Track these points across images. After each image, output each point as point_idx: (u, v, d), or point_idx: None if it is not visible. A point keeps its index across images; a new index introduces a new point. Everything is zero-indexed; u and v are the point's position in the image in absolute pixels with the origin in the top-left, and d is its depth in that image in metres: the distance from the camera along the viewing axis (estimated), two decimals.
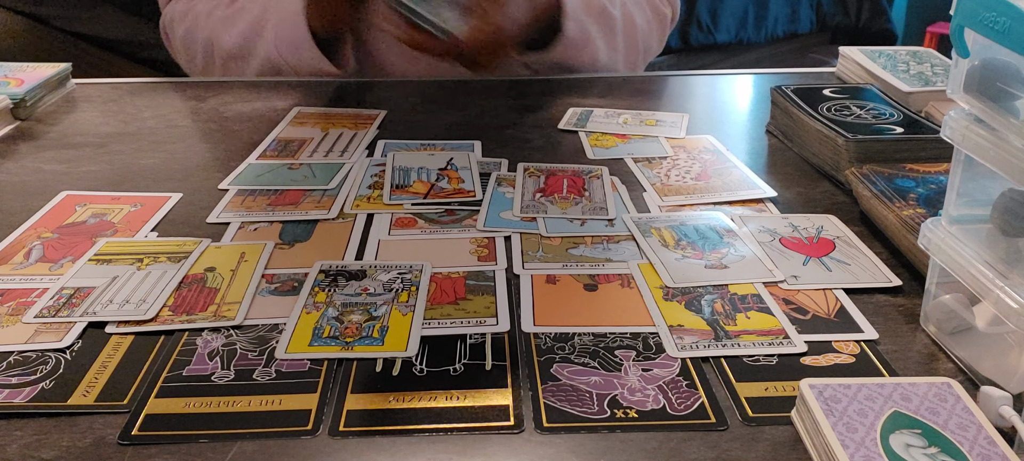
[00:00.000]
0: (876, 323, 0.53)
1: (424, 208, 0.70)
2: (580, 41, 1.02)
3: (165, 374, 0.48)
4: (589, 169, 0.77)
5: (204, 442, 0.43)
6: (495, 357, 0.50)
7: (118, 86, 1.02)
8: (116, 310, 0.54)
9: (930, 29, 3.24)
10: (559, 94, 0.99)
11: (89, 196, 0.71)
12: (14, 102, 0.88)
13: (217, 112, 0.93)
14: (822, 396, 0.43)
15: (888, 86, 0.90)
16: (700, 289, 0.57)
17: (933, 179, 0.67)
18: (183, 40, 1.11)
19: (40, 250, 0.62)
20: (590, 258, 0.61)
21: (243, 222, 0.67)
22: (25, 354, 0.50)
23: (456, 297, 0.56)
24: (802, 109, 0.81)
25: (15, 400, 0.46)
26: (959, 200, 0.50)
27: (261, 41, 1.03)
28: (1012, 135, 0.44)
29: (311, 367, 0.49)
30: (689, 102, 1.00)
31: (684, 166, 0.78)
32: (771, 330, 0.52)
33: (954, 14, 0.47)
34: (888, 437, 0.40)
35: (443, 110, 0.95)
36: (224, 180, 0.74)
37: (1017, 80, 0.45)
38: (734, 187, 0.73)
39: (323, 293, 0.56)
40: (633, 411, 0.45)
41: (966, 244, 0.48)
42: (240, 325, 0.53)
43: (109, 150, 0.82)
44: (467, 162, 0.78)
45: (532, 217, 0.67)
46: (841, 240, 0.64)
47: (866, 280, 0.58)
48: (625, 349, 0.51)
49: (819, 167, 0.77)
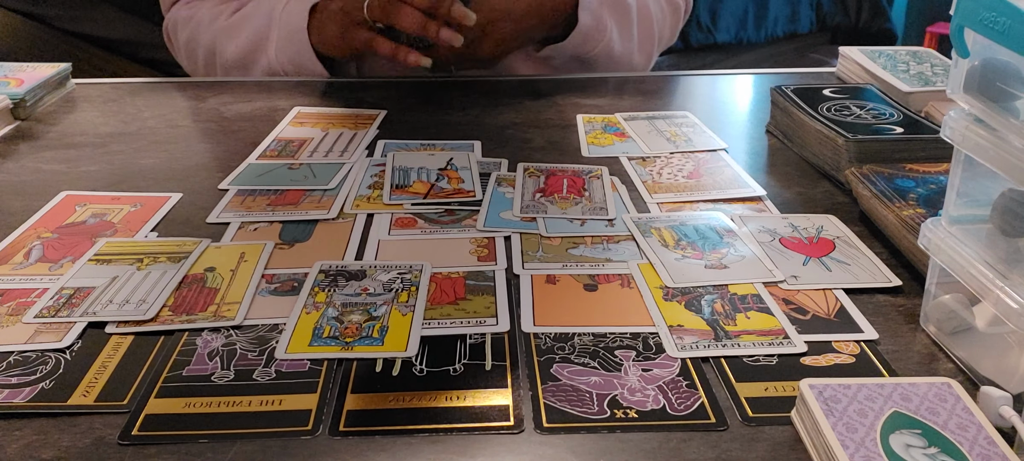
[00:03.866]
0: (876, 323, 0.53)
1: (424, 208, 0.69)
2: (595, 31, 1.02)
3: (165, 374, 0.48)
4: (589, 169, 0.77)
5: (204, 442, 0.43)
6: (495, 357, 0.50)
7: (118, 86, 1.02)
8: (116, 310, 0.54)
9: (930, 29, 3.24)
10: (560, 94, 0.99)
11: (89, 196, 0.71)
12: (14, 102, 0.88)
13: (217, 112, 0.93)
14: (822, 396, 0.43)
15: (888, 86, 0.90)
16: (700, 289, 0.57)
17: (933, 179, 0.67)
18: (186, 46, 1.11)
19: (40, 250, 0.62)
20: (590, 258, 0.61)
21: (243, 222, 0.67)
22: (25, 354, 0.50)
23: (456, 297, 0.56)
24: (802, 109, 0.81)
25: (15, 400, 0.46)
26: (959, 200, 0.50)
27: (264, 53, 1.03)
28: (1012, 135, 0.44)
29: (311, 367, 0.49)
30: (689, 102, 1.00)
31: (677, 164, 0.78)
32: (771, 330, 0.52)
33: (954, 14, 0.47)
34: (888, 437, 0.40)
35: (443, 110, 0.95)
36: (224, 180, 0.74)
37: (1017, 80, 0.45)
38: (725, 186, 0.73)
39: (323, 293, 0.56)
40: (633, 411, 0.45)
41: (966, 244, 0.48)
42: (240, 325, 0.53)
43: (109, 150, 0.82)
44: (467, 162, 0.78)
45: (532, 217, 0.67)
46: (841, 240, 0.64)
47: (866, 280, 0.58)
48: (625, 349, 0.51)
49: (819, 167, 0.77)
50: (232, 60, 1.06)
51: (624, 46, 1.07)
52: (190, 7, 1.11)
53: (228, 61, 1.06)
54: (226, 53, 1.06)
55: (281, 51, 1.01)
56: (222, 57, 1.06)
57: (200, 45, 1.09)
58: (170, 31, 1.14)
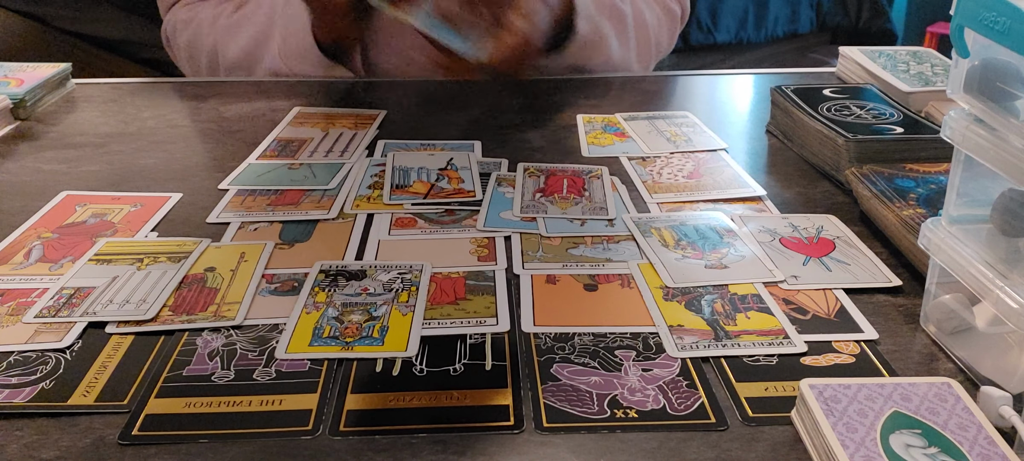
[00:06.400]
0: (876, 323, 0.53)
1: (424, 208, 0.69)
2: (594, 40, 1.01)
3: (165, 374, 0.48)
4: (589, 169, 0.77)
5: (204, 442, 0.43)
6: (495, 357, 0.50)
7: (118, 86, 1.02)
8: (116, 310, 0.54)
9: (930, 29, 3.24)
10: (560, 94, 0.99)
11: (89, 196, 0.71)
12: (14, 102, 0.88)
13: (217, 112, 0.93)
14: (822, 396, 0.43)
15: (888, 86, 0.90)
16: (700, 289, 0.57)
17: (933, 179, 0.67)
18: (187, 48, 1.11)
19: (40, 250, 0.62)
20: (590, 258, 0.61)
21: (243, 222, 0.67)
22: (25, 354, 0.50)
23: (456, 297, 0.56)
24: (802, 109, 0.81)
25: (15, 400, 0.46)
26: (959, 200, 0.50)
27: (267, 52, 1.03)
28: (1012, 135, 0.44)
29: (311, 367, 0.49)
30: (689, 102, 1.00)
31: (677, 164, 0.78)
32: (771, 330, 0.52)
33: (954, 14, 0.47)
34: (888, 437, 0.40)
35: (443, 110, 0.95)
36: (224, 180, 0.74)
37: (1017, 80, 0.45)
38: (725, 186, 0.73)
39: (323, 293, 0.56)
40: (633, 411, 0.45)
41: (966, 244, 0.48)
42: (240, 325, 0.53)
43: (109, 150, 0.82)
44: (467, 162, 0.78)
45: (532, 217, 0.67)
46: (841, 240, 0.64)
47: (866, 280, 0.58)
48: (625, 349, 0.51)
49: (819, 167, 0.77)
50: (234, 60, 1.05)
51: (622, 55, 1.07)
52: (190, 9, 1.11)
53: (230, 61, 1.06)
54: (229, 53, 1.05)
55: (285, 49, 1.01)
56: (224, 57, 1.06)
57: (202, 49, 1.08)
58: (169, 33, 1.14)
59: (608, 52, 1.04)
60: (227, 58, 1.06)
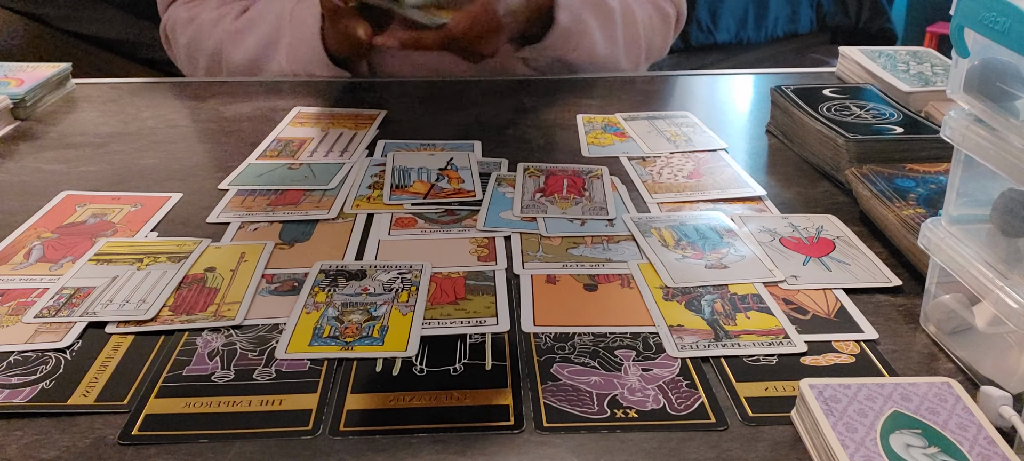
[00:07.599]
0: (876, 323, 0.53)
1: (424, 208, 0.69)
2: (575, 31, 1.01)
3: (165, 374, 0.48)
4: (589, 169, 0.77)
5: (204, 442, 0.43)
6: (495, 357, 0.50)
7: (118, 86, 1.02)
8: (116, 310, 0.54)
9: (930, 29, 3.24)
10: (560, 94, 0.99)
11: (89, 196, 0.71)
12: (14, 102, 0.88)
13: (217, 112, 0.93)
14: (822, 396, 0.43)
15: (888, 86, 0.90)
16: (700, 289, 0.57)
17: (933, 179, 0.67)
18: (187, 48, 1.10)
19: (40, 250, 0.62)
20: (590, 258, 0.61)
21: (243, 222, 0.67)
22: (25, 354, 0.50)
23: (456, 297, 0.56)
24: (802, 109, 0.81)
25: (15, 400, 0.46)
26: (959, 200, 0.50)
27: (274, 58, 1.03)
28: (1012, 135, 0.44)
29: (311, 367, 0.49)
30: (689, 102, 1.00)
31: (677, 164, 0.78)
32: (771, 330, 0.52)
33: (954, 14, 0.47)
34: (888, 437, 0.40)
35: (443, 110, 0.95)
36: (224, 180, 0.74)
37: (1017, 80, 0.45)
38: (725, 186, 0.73)
39: (323, 293, 0.56)
40: (633, 411, 0.45)
41: (966, 244, 0.48)
42: (240, 325, 0.53)
43: (109, 150, 0.82)
44: (467, 162, 0.78)
45: (532, 217, 0.67)
46: (841, 240, 0.64)
47: (866, 280, 0.58)
48: (625, 349, 0.51)
49: (819, 167, 0.77)
50: (241, 64, 1.05)
51: (609, 49, 1.06)
52: (190, 8, 1.10)
53: (235, 65, 1.06)
54: (234, 58, 1.05)
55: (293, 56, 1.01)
56: (229, 61, 1.06)
57: (203, 50, 1.08)
58: (168, 31, 1.13)
59: (591, 44, 1.03)
60: (232, 62, 1.06)
